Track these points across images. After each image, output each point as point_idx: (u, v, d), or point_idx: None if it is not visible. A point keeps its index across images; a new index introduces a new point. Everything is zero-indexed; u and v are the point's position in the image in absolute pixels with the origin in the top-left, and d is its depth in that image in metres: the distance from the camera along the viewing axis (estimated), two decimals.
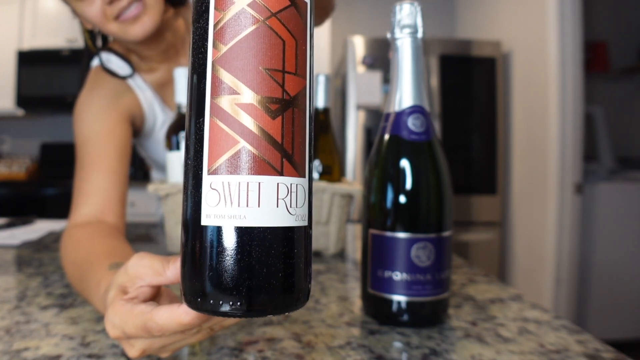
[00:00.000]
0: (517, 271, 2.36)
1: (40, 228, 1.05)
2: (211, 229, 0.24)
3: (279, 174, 0.24)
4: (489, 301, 0.55)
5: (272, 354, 0.40)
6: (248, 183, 0.24)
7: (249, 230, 0.24)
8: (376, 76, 2.35)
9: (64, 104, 2.79)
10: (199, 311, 0.25)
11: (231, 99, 0.24)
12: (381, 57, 2.37)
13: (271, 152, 0.24)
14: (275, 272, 0.24)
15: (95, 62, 0.81)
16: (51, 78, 2.84)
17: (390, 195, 0.47)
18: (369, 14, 3.18)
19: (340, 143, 2.46)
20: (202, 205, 0.24)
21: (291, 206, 0.25)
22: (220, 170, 0.24)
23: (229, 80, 0.24)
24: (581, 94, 2.02)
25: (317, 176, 0.79)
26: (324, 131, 0.82)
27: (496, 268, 2.44)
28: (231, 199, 0.24)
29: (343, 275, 0.68)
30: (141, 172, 2.81)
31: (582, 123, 2.04)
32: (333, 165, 0.82)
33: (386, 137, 0.48)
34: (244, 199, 0.24)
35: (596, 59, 2.54)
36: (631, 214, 2.15)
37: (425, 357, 0.40)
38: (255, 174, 0.24)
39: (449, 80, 2.42)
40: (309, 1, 0.27)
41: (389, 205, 0.46)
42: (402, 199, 0.46)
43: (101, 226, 0.63)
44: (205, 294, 0.24)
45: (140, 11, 0.69)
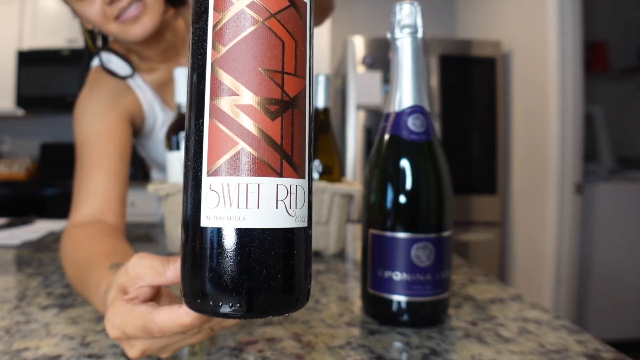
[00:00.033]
0: (517, 271, 2.36)
1: (40, 228, 1.05)
2: (211, 231, 0.24)
3: (279, 175, 0.24)
4: (489, 301, 0.55)
5: (272, 354, 0.40)
6: (247, 184, 0.24)
7: (248, 232, 0.24)
8: (376, 76, 2.35)
9: (64, 104, 2.80)
10: (198, 312, 0.25)
11: (230, 100, 0.24)
12: (381, 57, 2.37)
13: (270, 153, 0.24)
14: (274, 273, 0.24)
15: (95, 62, 0.81)
16: (51, 78, 2.84)
17: (390, 195, 0.47)
18: (369, 14, 3.18)
19: (340, 143, 2.46)
20: (201, 206, 0.24)
21: (291, 207, 0.25)
22: (219, 171, 0.24)
23: (228, 82, 0.24)
24: (581, 94, 2.02)
25: (317, 176, 0.79)
26: (324, 131, 0.82)
27: (496, 268, 2.44)
28: (230, 200, 0.24)
29: (343, 275, 0.68)
30: (141, 172, 2.82)
31: (582, 123, 2.04)
32: (333, 165, 0.82)
33: (386, 137, 0.48)
34: (243, 201, 0.24)
35: (596, 59, 2.54)
36: (631, 214, 2.15)
37: (425, 357, 0.40)
38: (254, 176, 0.24)
39: (449, 80, 2.42)
40: (308, 1, 0.27)
41: (389, 205, 0.47)
42: (402, 199, 0.46)
43: (101, 226, 0.63)
44: (205, 295, 0.24)
45: (140, 11, 0.69)
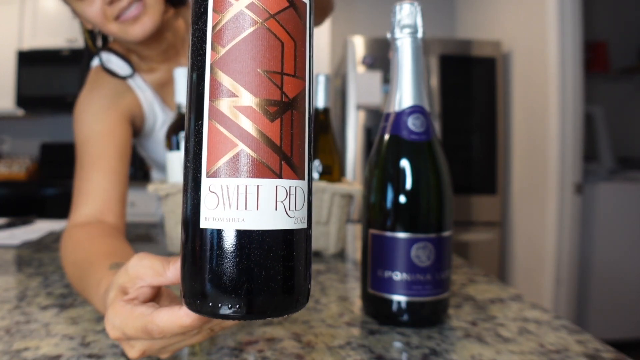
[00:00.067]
0: (517, 271, 2.36)
1: (40, 228, 1.05)
2: (210, 232, 0.24)
3: (278, 176, 0.24)
4: (489, 301, 0.55)
5: (272, 354, 0.40)
6: (247, 186, 0.24)
7: (247, 234, 0.24)
8: (376, 76, 2.35)
9: (64, 104, 2.80)
10: (198, 313, 0.25)
11: (230, 101, 0.24)
12: (381, 57, 2.37)
13: (270, 155, 0.24)
14: (274, 274, 0.24)
15: (96, 62, 0.81)
16: (51, 78, 2.84)
17: (390, 195, 0.47)
18: (369, 14, 3.18)
19: (340, 143, 2.46)
20: (201, 208, 0.24)
21: (290, 209, 0.25)
22: (218, 173, 0.24)
23: (227, 83, 0.24)
24: (581, 94, 2.02)
25: (317, 176, 0.79)
26: (324, 131, 0.82)
27: (496, 268, 2.44)
28: (230, 202, 0.24)
29: (343, 275, 0.68)
30: (141, 172, 2.82)
31: (582, 123, 2.04)
32: (333, 165, 0.82)
33: (386, 137, 0.48)
34: (242, 202, 0.24)
35: (596, 59, 2.54)
36: (631, 214, 2.15)
37: (425, 357, 0.40)
38: (253, 177, 0.24)
39: (449, 80, 2.42)
40: (308, 2, 0.26)
41: (389, 205, 0.47)
42: (402, 199, 0.46)
43: (101, 226, 0.63)
44: (204, 296, 0.24)
45: (141, 11, 0.69)
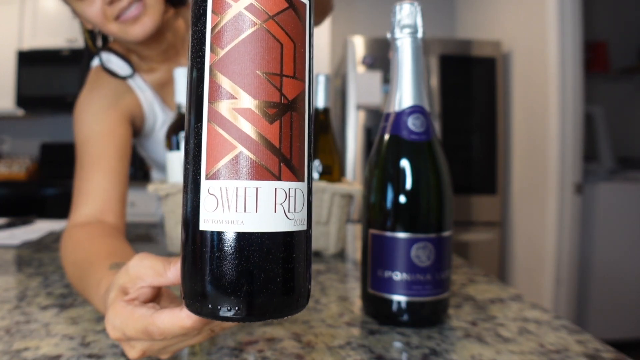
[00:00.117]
0: (517, 271, 2.36)
1: (40, 228, 1.05)
2: (209, 234, 0.24)
3: (277, 179, 0.24)
4: (489, 301, 0.55)
5: (272, 354, 0.40)
6: (246, 188, 0.24)
7: (247, 236, 0.24)
8: (376, 76, 2.35)
9: (64, 104, 2.80)
10: (199, 315, 0.25)
11: (229, 103, 0.24)
12: (381, 57, 2.37)
13: (269, 157, 0.24)
14: (274, 276, 0.24)
15: (96, 62, 0.81)
16: (51, 78, 2.84)
17: (390, 195, 0.47)
18: (369, 14, 3.18)
19: (340, 143, 2.46)
20: (200, 210, 0.24)
21: (289, 211, 0.25)
22: (218, 175, 0.24)
23: (226, 85, 0.24)
24: (581, 94, 2.02)
25: (317, 176, 0.79)
26: (324, 131, 0.82)
27: (496, 268, 2.44)
28: (229, 204, 0.24)
29: (343, 275, 0.68)
30: (141, 172, 2.82)
31: (582, 123, 2.04)
32: (333, 165, 0.82)
33: (386, 137, 0.48)
34: (241, 205, 0.23)
35: (596, 59, 2.54)
36: (631, 214, 2.15)
37: (425, 357, 0.40)
38: (252, 179, 0.24)
39: (449, 80, 2.42)
40: (308, 3, 0.26)
41: (389, 205, 0.47)
42: (402, 199, 0.46)
43: (101, 226, 0.63)
44: (205, 298, 0.24)
45: (141, 11, 0.69)
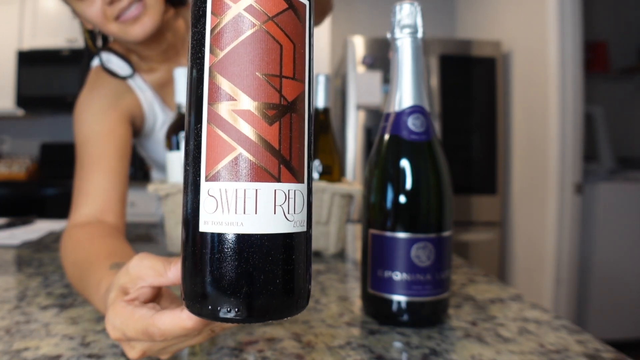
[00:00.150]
0: (517, 271, 2.36)
1: (40, 228, 1.05)
2: (209, 236, 0.24)
3: (277, 180, 0.24)
4: (489, 301, 0.55)
5: (272, 354, 0.40)
6: (245, 190, 0.24)
7: (246, 238, 0.24)
8: (376, 76, 2.35)
9: (64, 104, 2.80)
10: (199, 316, 0.25)
11: (228, 105, 0.24)
12: (381, 57, 2.37)
13: (268, 158, 0.24)
14: (273, 278, 0.24)
15: (96, 62, 0.81)
16: (51, 78, 2.84)
17: (390, 195, 0.47)
18: (369, 14, 3.18)
19: (340, 143, 2.46)
20: (200, 211, 0.24)
21: (289, 212, 0.25)
22: (217, 177, 0.24)
23: (226, 87, 0.24)
24: (581, 94, 2.02)
25: (317, 176, 0.79)
26: (324, 131, 0.82)
27: (496, 268, 2.44)
28: (228, 206, 0.24)
29: (343, 275, 0.68)
30: (141, 172, 2.82)
31: (582, 123, 2.04)
32: (333, 165, 0.82)
33: (386, 137, 0.48)
34: (241, 206, 0.23)
35: (596, 59, 2.54)
36: (631, 214, 2.15)
37: (425, 357, 0.40)
38: (252, 181, 0.24)
39: (449, 80, 2.42)
40: (307, 3, 0.26)
41: (389, 205, 0.47)
42: (402, 199, 0.46)
43: (101, 226, 0.63)
44: (205, 299, 0.24)
45: (141, 12, 0.69)
